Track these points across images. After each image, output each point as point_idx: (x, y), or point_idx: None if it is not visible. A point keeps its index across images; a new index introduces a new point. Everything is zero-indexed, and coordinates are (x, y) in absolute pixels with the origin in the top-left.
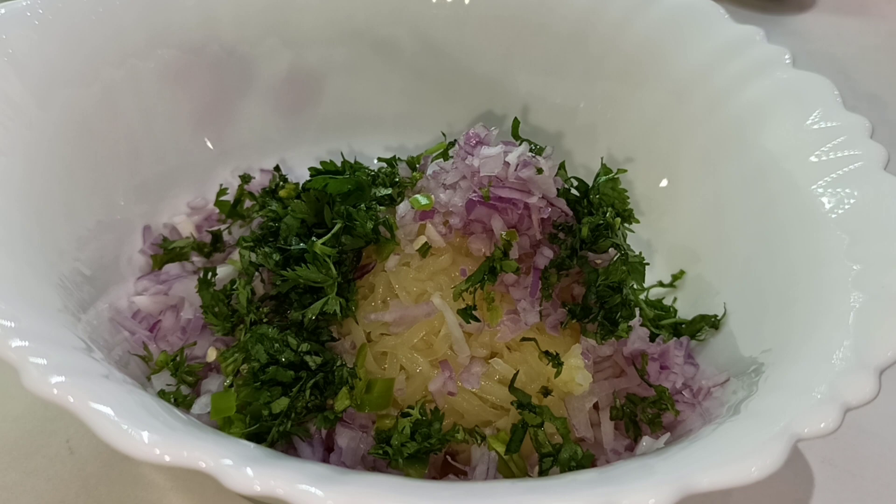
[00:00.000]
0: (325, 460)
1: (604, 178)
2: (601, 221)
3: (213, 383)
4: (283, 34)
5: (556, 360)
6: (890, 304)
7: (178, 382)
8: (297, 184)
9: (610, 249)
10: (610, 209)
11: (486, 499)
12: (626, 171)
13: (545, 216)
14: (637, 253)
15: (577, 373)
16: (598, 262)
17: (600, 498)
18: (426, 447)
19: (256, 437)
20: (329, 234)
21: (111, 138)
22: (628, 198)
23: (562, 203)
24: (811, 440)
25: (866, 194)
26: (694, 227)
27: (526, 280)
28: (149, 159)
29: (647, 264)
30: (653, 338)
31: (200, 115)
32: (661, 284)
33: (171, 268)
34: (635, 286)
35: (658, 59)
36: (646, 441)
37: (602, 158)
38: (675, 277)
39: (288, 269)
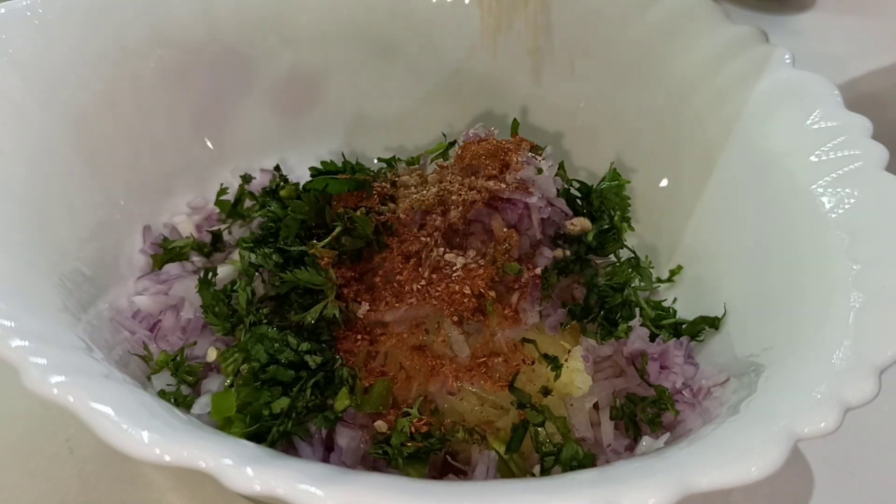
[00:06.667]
0: (326, 460)
1: (608, 182)
2: (607, 226)
3: (213, 383)
4: (283, 34)
5: (555, 363)
6: (890, 304)
7: (178, 382)
8: (297, 184)
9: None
10: (618, 213)
11: (486, 499)
12: (629, 181)
13: (545, 216)
14: (644, 257)
15: (576, 375)
16: (599, 262)
17: (600, 498)
18: (426, 447)
19: (256, 437)
20: (329, 238)
21: (111, 138)
22: (630, 205)
23: (562, 203)
24: (811, 440)
25: (866, 194)
26: (694, 227)
27: (526, 280)
28: (149, 159)
29: (653, 268)
30: (653, 338)
31: (200, 115)
32: (659, 280)
33: (171, 268)
34: (641, 283)
35: (658, 59)
36: (646, 441)
37: (612, 164)
38: (673, 273)
39: (287, 270)
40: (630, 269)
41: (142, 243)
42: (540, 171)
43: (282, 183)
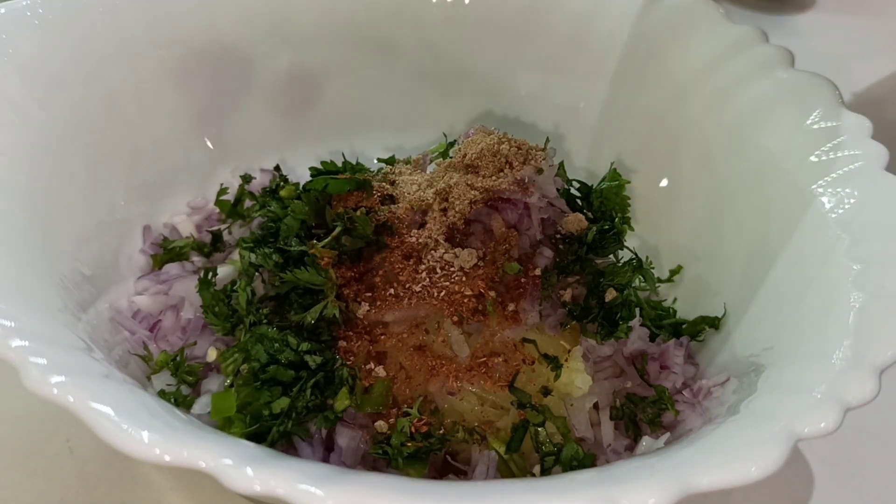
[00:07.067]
0: (326, 460)
1: (608, 182)
2: (607, 227)
3: (213, 383)
4: (283, 34)
5: (555, 363)
6: (890, 304)
7: (178, 382)
8: (297, 184)
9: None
10: (619, 216)
11: (486, 499)
12: (629, 181)
13: (545, 216)
14: (645, 258)
15: (576, 375)
16: (599, 262)
17: (600, 498)
18: (426, 447)
19: (256, 437)
20: (329, 238)
21: (111, 138)
22: (629, 205)
23: (562, 203)
24: (811, 440)
25: (866, 194)
26: (694, 227)
27: (526, 280)
28: (149, 159)
29: (654, 268)
30: (653, 338)
31: (200, 115)
32: (659, 280)
33: (171, 268)
34: (643, 284)
35: (658, 59)
36: (646, 441)
37: (612, 164)
38: (673, 273)
39: (287, 270)
40: (631, 271)
41: (142, 243)
42: (540, 171)
43: (282, 183)
